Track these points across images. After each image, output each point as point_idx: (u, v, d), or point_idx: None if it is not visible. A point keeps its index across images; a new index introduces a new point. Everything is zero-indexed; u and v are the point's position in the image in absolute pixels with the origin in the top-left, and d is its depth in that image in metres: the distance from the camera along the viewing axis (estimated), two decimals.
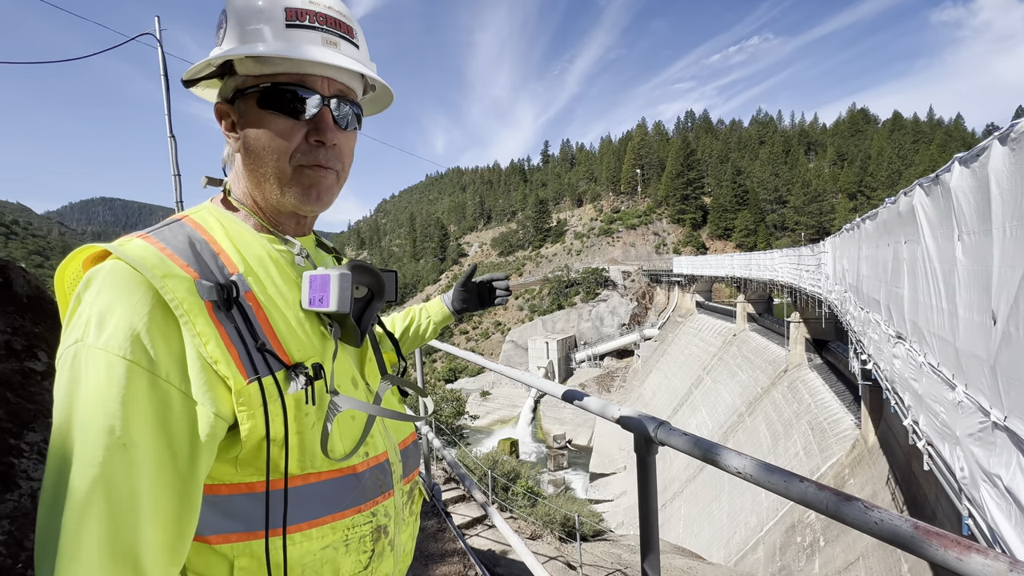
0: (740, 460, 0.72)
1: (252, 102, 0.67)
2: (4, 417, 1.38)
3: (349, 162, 0.74)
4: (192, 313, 0.56)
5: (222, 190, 0.75)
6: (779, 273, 23.50)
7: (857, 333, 10.14)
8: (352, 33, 0.71)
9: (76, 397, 0.50)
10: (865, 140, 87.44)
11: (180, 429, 0.54)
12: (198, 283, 0.58)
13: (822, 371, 19.83)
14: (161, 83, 7.93)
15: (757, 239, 67.13)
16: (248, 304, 0.62)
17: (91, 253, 0.61)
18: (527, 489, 7.52)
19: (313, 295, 0.68)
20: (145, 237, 0.62)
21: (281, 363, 0.62)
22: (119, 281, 0.54)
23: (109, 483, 0.48)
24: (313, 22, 0.66)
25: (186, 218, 0.68)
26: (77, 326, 0.53)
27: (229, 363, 0.58)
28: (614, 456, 29.85)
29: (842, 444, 14.35)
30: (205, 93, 0.74)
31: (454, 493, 4.30)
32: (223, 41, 0.67)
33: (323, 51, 0.65)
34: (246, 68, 0.66)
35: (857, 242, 9.76)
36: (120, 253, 0.56)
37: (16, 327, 1.78)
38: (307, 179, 0.69)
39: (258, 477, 0.61)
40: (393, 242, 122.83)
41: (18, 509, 1.22)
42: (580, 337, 49.97)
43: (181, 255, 0.60)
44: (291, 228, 0.75)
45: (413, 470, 0.84)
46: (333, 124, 0.69)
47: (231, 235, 0.67)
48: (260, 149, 0.67)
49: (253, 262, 0.67)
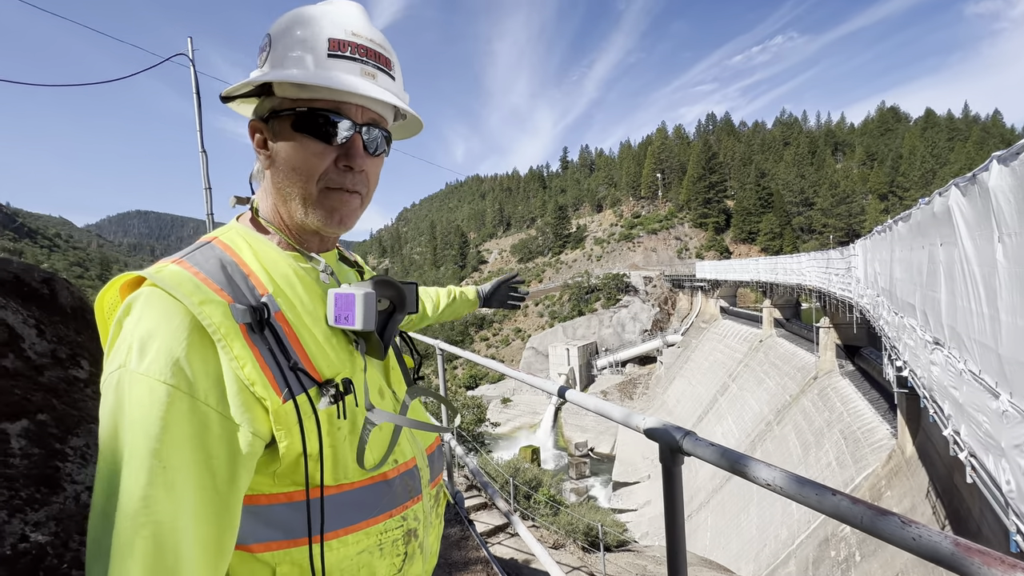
0: (770, 472, 0.71)
1: (287, 123, 0.69)
2: (51, 423, 1.45)
3: (374, 186, 0.77)
4: (229, 337, 0.58)
5: (249, 207, 0.77)
6: (807, 277, 22.84)
7: (891, 339, 9.76)
8: (390, 65, 0.73)
9: (121, 421, 0.52)
10: (896, 139, 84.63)
11: (219, 450, 0.56)
12: (233, 307, 0.60)
13: (854, 378, 19.12)
14: (193, 100, 8.26)
15: (783, 242, 65.48)
16: (279, 324, 0.64)
17: (128, 279, 0.64)
18: (549, 497, 7.46)
19: (339, 313, 0.70)
20: (179, 262, 0.64)
21: (312, 380, 0.65)
22: (157, 308, 0.57)
23: (153, 505, 0.50)
24: (354, 53, 0.68)
25: (215, 240, 0.70)
26: (120, 352, 0.55)
27: (265, 384, 0.60)
28: (638, 465, 29.34)
29: (877, 455, 13.78)
30: (240, 109, 0.77)
31: (476, 500, 4.29)
32: (266, 63, 0.70)
33: (361, 82, 0.67)
34: (284, 91, 0.69)
35: (889, 244, 9.43)
36: (157, 280, 0.59)
37: (61, 337, 1.87)
38: (332, 202, 0.71)
39: (295, 488, 0.64)
40: (414, 250, 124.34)
41: (63, 511, 1.27)
42: (601, 344, 49.47)
43: (214, 279, 0.63)
44: (315, 245, 0.77)
45: (438, 474, 0.87)
46: (363, 150, 0.71)
47: (259, 255, 0.70)
48: (289, 169, 0.69)
49: (281, 281, 0.69)
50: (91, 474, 1.42)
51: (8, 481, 1.21)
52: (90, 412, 1.65)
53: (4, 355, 1.53)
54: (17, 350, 1.59)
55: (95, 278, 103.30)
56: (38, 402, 1.48)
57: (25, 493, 1.22)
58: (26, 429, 1.36)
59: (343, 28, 0.68)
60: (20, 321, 1.70)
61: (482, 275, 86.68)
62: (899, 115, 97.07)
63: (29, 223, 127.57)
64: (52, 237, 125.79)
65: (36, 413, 1.43)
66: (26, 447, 1.32)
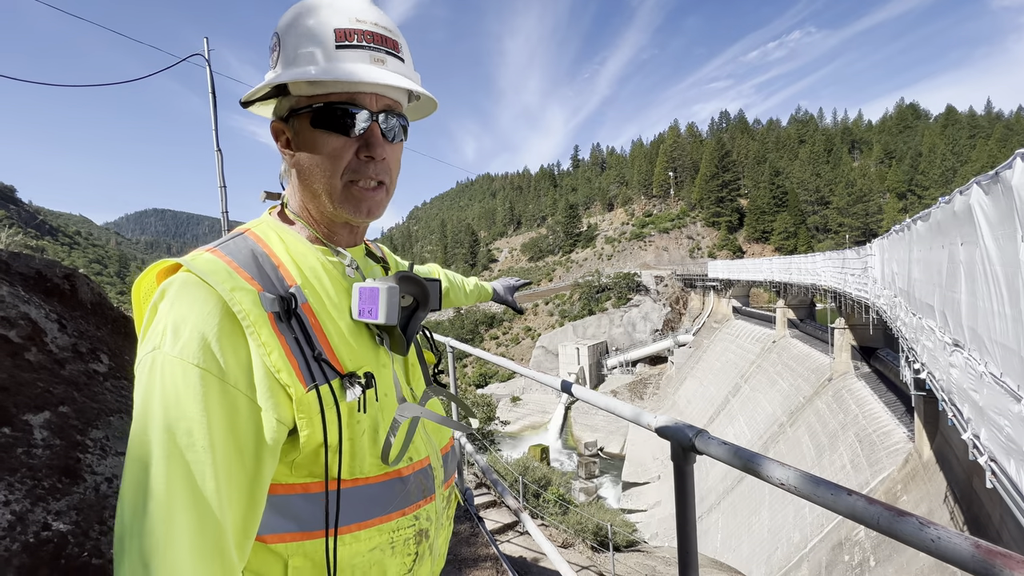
0: (783, 471, 0.70)
1: (305, 121, 0.69)
2: (72, 415, 1.48)
3: (396, 173, 0.77)
4: (257, 324, 0.60)
5: (280, 203, 0.78)
6: (822, 277, 22.48)
7: (909, 340, 9.57)
8: (398, 48, 0.72)
9: (154, 401, 0.53)
10: (915, 136, 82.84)
11: (247, 432, 0.57)
12: (262, 295, 0.61)
13: (870, 380, 18.79)
14: (209, 100, 8.38)
15: (797, 242, 64.54)
16: (305, 315, 0.66)
17: (165, 266, 0.65)
18: (558, 496, 7.44)
19: (363, 307, 0.71)
20: (213, 251, 0.66)
21: (335, 372, 0.65)
22: (191, 292, 0.59)
23: (190, 480, 0.51)
24: (361, 41, 0.68)
25: (248, 231, 0.72)
26: (154, 335, 0.57)
27: (290, 372, 0.61)
28: (648, 465, 29.18)
29: (894, 458, 13.53)
30: (261, 111, 0.78)
31: (485, 498, 4.31)
32: (277, 64, 0.70)
33: (372, 69, 0.67)
34: (299, 89, 0.69)
35: (908, 244, 9.24)
36: (191, 266, 0.60)
37: (82, 331, 1.91)
38: (357, 196, 0.72)
39: (311, 479, 0.65)
40: (425, 248, 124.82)
41: (84, 501, 1.30)
42: (612, 343, 49.24)
43: (246, 268, 0.64)
44: (343, 239, 0.78)
45: (452, 475, 0.87)
46: (382, 138, 0.71)
47: (289, 247, 0.71)
48: (313, 166, 0.70)
49: (308, 273, 0.70)
50: (110, 465, 1.45)
51: (31, 471, 1.24)
52: (109, 405, 1.68)
53: (27, 349, 1.57)
54: (40, 344, 1.63)
55: (113, 275, 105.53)
56: (60, 394, 1.52)
57: (47, 483, 1.25)
58: (48, 421, 1.40)
59: (347, 15, 0.68)
60: (43, 316, 1.74)
61: (492, 273, 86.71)
62: (918, 112, 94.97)
63: (50, 221, 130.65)
64: (72, 235, 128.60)
65: (58, 405, 1.47)
66: (48, 438, 1.35)
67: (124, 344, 2.25)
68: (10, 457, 1.23)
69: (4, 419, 1.29)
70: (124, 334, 2.36)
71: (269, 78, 0.70)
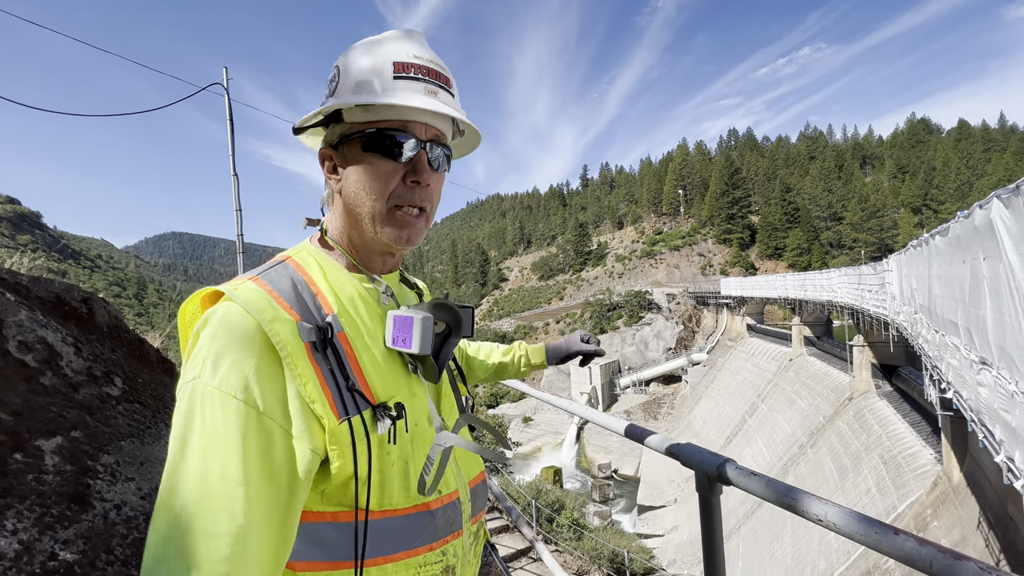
0: (822, 507, 0.65)
1: (356, 146, 0.73)
2: (83, 440, 1.47)
3: (437, 201, 0.80)
4: (295, 355, 0.61)
5: (319, 229, 0.81)
6: (838, 294, 22.09)
7: (932, 358, 9.28)
8: (449, 83, 0.76)
9: (192, 429, 0.55)
10: (928, 151, 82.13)
11: (281, 463, 0.58)
12: (300, 325, 0.63)
13: (893, 399, 18.23)
14: (227, 126, 8.62)
15: (811, 258, 63.75)
16: (341, 345, 0.67)
17: (208, 293, 0.68)
18: (572, 521, 7.25)
19: (397, 335, 0.72)
20: (256, 280, 0.68)
21: (367, 403, 0.67)
22: (232, 323, 0.60)
23: (222, 512, 0.52)
24: (417, 74, 0.72)
25: (289, 259, 0.74)
26: (195, 364, 0.59)
27: (324, 403, 0.62)
28: (663, 488, 28.40)
29: (921, 481, 13.00)
30: (309, 140, 0.81)
31: (498, 523, 4.20)
32: (335, 92, 0.73)
33: (425, 99, 0.71)
34: (354, 116, 0.72)
35: (926, 259, 9.05)
36: (234, 296, 0.63)
37: (97, 355, 1.92)
38: (400, 221, 0.74)
39: (341, 508, 0.66)
40: (435, 268, 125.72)
41: (92, 529, 1.28)
42: (624, 362, 48.64)
43: (285, 297, 0.66)
44: (379, 266, 0.80)
45: (480, 510, 0.85)
46: (428, 166, 0.74)
47: (327, 275, 0.73)
48: (361, 189, 0.73)
49: (346, 302, 0.72)
50: (119, 492, 1.43)
51: (40, 498, 1.23)
52: (120, 429, 1.67)
53: (43, 373, 1.57)
54: (55, 368, 1.64)
55: (131, 297, 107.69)
56: (72, 419, 1.51)
57: (56, 510, 1.24)
58: (60, 446, 1.39)
59: (406, 52, 0.72)
60: (59, 340, 1.75)
61: (503, 293, 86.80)
62: (930, 127, 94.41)
63: (73, 245, 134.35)
64: (94, 258, 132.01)
65: (70, 430, 1.46)
66: (59, 464, 1.34)
67: (139, 367, 2.26)
68: (20, 484, 1.22)
69: (17, 445, 1.28)
70: (138, 357, 2.37)
71: (328, 104, 0.73)
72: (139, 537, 1.38)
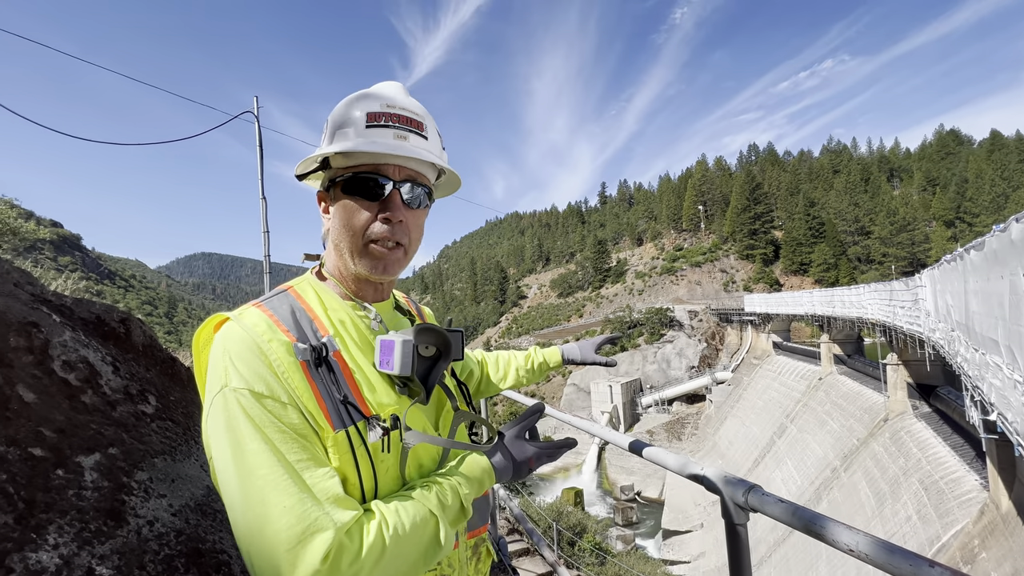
0: (852, 536, 0.63)
1: (339, 189, 0.81)
2: (120, 457, 1.52)
3: (417, 237, 0.86)
4: (290, 371, 0.68)
5: (318, 264, 0.90)
6: (868, 310, 21.37)
7: (973, 378, 8.86)
8: (422, 127, 0.83)
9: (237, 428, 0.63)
10: (958, 163, 79.66)
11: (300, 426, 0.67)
12: (295, 345, 0.70)
13: (931, 421, 17.37)
14: (256, 153, 8.98)
15: (838, 273, 61.99)
16: (336, 362, 0.73)
17: (220, 319, 0.76)
18: (595, 545, 7.06)
19: (383, 358, 0.78)
20: (258, 306, 0.77)
21: (361, 414, 0.72)
22: (237, 342, 0.69)
23: (284, 488, 0.61)
24: (388, 122, 0.79)
25: (290, 289, 0.83)
26: (218, 376, 0.67)
27: (320, 415, 0.68)
28: (689, 512, 27.44)
29: (966, 509, 12.27)
30: (312, 184, 0.90)
31: (518, 546, 4.13)
32: (323, 142, 0.83)
33: (392, 143, 0.79)
34: (337, 162, 0.81)
35: (962, 275, 8.72)
36: (238, 320, 0.72)
37: (133, 373, 1.99)
38: (374, 254, 0.81)
39: None
40: (455, 286, 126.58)
41: (126, 545, 1.32)
42: (646, 380, 47.71)
43: (284, 322, 0.74)
44: (370, 294, 0.88)
45: (479, 525, 0.88)
46: (401, 203, 0.81)
47: (323, 302, 0.81)
48: (341, 227, 0.81)
49: (339, 326, 0.80)
50: (152, 508, 1.47)
51: (80, 513, 1.27)
52: (154, 446, 1.73)
53: (84, 391, 1.64)
54: (95, 386, 1.71)
55: (162, 315, 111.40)
56: (110, 436, 1.57)
57: (94, 525, 1.28)
58: (98, 463, 1.44)
59: (380, 102, 0.80)
60: (99, 359, 1.83)
61: (521, 310, 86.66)
62: (960, 138, 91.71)
63: (109, 265, 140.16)
64: (128, 278, 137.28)
65: (108, 447, 1.52)
66: (97, 480, 1.39)
67: (171, 385, 2.34)
68: (62, 499, 1.26)
69: (59, 461, 1.34)
70: (170, 375, 2.45)
71: (315, 153, 0.82)
72: (170, 553, 1.42)
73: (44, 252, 70.90)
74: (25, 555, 1.12)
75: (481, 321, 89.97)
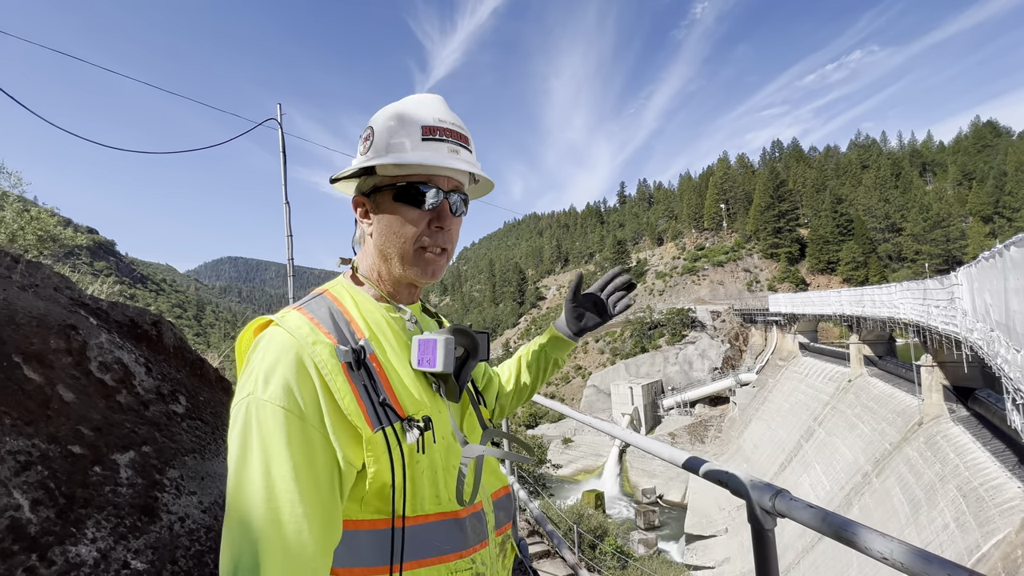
0: (886, 543, 0.61)
1: (387, 196, 0.83)
2: (152, 455, 1.57)
3: (456, 240, 0.91)
4: (334, 373, 0.70)
5: (351, 267, 0.92)
6: (900, 310, 20.67)
7: (1014, 380, 8.46)
8: (468, 142, 0.88)
9: (251, 437, 0.64)
10: (996, 156, 76.18)
11: (323, 463, 0.67)
12: (337, 348, 0.72)
13: (970, 425, 16.68)
14: (280, 159, 9.19)
15: (868, 272, 60.03)
16: (372, 365, 0.75)
17: (262, 322, 0.78)
18: (616, 548, 6.99)
19: (422, 357, 0.79)
20: (299, 309, 0.78)
21: (397, 415, 0.74)
22: (279, 345, 0.70)
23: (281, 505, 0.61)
24: (442, 136, 0.83)
25: (326, 292, 0.85)
26: (249, 381, 0.68)
27: (360, 415, 0.70)
28: (713, 516, 26.92)
29: (1008, 517, 11.73)
30: (343, 188, 0.93)
31: (539, 547, 4.12)
32: (369, 150, 0.84)
33: (449, 158, 0.83)
34: (386, 171, 0.83)
35: (1002, 272, 8.35)
36: (281, 323, 0.73)
37: (164, 374, 2.06)
38: (426, 260, 0.85)
39: (378, 516, 0.72)
40: (473, 288, 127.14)
41: (159, 540, 1.36)
42: (667, 382, 47.03)
43: (324, 324, 0.76)
44: (404, 297, 0.90)
45: (505, 523, 0.90)
46: (449, 213, 0.85)
47: (359, 305, 0.83)
48: (392, 233, 0.83)
49: (375, 328, 0.81)
50: (183, 505, 1.52)
51: (116, 509, 1.32)
52: (185, 445, 1.78)
53: (119, 391, 1.71)
54: (129, 387, 1.78)
55: (191, 318, 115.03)
56: (143, 435, 1.63)
57: (129, 521, 1.33)
58: (132, 460, 1.49)
59: (432, 115, 0.84)
60: (133, 360, 1.90)
61: (540, 312, 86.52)
62: (998, 129, 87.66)
63: (141, 270, 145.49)
64: (159, 282, 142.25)
65: (141, 445, 1.58)
66: (131, 477, 1.44)
67: (200, 386, 2.41)
68: (99, 495, 1.32)
69: (96, 459, 1.39)
70: (199, 376, 2.53)
71: (361, 160, 0.84)
72: (200, 549, 1.46)
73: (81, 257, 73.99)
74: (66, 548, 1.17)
75: (500, 323, 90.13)
